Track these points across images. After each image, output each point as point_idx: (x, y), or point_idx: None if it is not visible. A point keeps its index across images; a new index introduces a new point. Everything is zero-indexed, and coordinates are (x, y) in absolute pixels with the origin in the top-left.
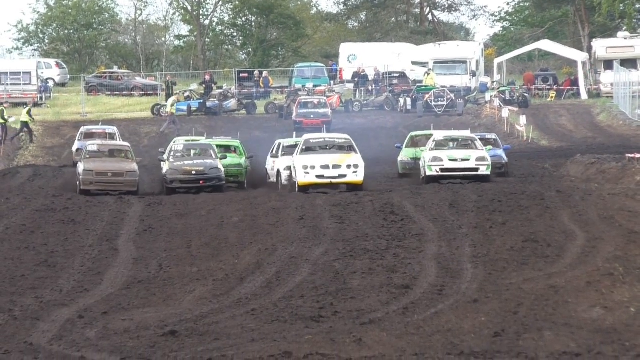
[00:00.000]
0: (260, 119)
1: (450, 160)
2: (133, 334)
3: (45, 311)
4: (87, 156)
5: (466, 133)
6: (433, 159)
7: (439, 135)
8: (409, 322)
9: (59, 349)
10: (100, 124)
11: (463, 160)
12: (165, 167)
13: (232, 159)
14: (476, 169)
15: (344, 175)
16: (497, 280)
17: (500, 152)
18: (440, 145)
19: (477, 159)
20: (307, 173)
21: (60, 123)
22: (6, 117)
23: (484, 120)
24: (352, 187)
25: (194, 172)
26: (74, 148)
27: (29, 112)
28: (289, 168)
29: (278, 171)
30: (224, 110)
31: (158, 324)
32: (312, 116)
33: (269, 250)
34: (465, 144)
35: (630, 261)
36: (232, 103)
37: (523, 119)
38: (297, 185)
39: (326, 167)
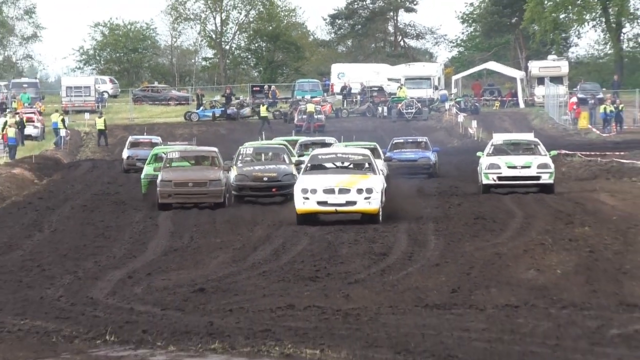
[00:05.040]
0: (270, 123)
1: (509, 167)
2: (170, 290)
3: (102, 273)
4: (167, 165)
5: (529, 136)
6: (490, 166)
7: (498, 139)
8: (386, 282)
9: (113, 302)
10: (145, 133)
11: (523, 167)
12: (233, 172)
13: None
14: (538, 177)
15: (353, 202)
16: (454, 249)
17: (429, 153)
18: (499, 150)
19: (539, 165)
20: (307, 199)
21: (112, 126)
22: (67, 124)
23: (444, 124)
24: (368, 217)
25: (265, 179)
26: (124, 156)
27: (63, 120)
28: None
29: None
30: (240, 116)
31: (190, 283)
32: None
33: (276, 226)
34: (528, 148)
35: (557, 234)
36: (247, 110)
37: (474, 123)
38: (295, 214)
39: (330, 191)
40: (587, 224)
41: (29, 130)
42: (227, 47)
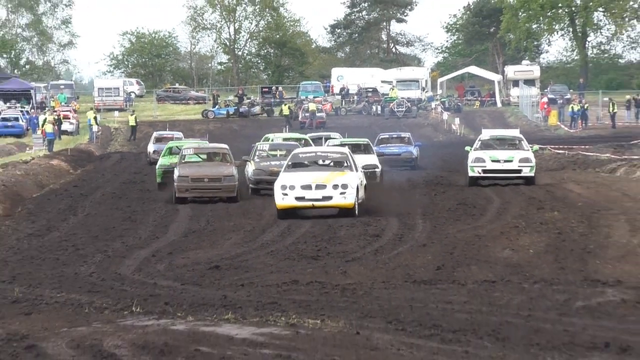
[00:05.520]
0: (276, 120)
1: (492, 161)
2: (189, 267)
3: (129, 252)
4: (182, 160)
5: (514, 132)
6: (475, 160)
7: (485, 134)
8: (379, 260)
9: (139, 277)
10: (167, 128)
11: (506, 161)
12: (250, 167)
13: None
14: (519, 171)
15: (329, 198)
16: (439, 231)
17: (411, 148)
18: (485, 145)
19: (521, 160)
20: (286, 194)
21: (139, 123)
22: (99, 121)
23: (431, 121)
24: (345, 212)
25: None
26: (150, 150)
27: (95, 118)
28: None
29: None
30: (251, 114)
31: (206, 261)
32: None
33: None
34: (512, 143)
35: (529, 218)
36: (257, 109)
37: (457, 120)
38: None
39: (308, 187)
40: (556, 209)
41: (65, 126)
42: (240, 53)
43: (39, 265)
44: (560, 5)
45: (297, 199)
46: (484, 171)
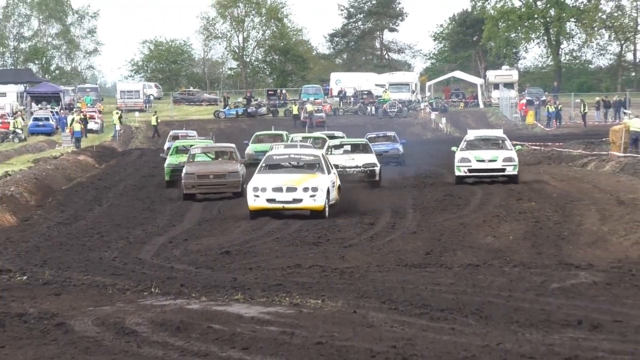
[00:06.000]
0: (281, 119)
1: (477, 160)
2: (202, 253)
3: (148, 238)
4: (190, 160)
5: (498, 132)
6: (461, 160)
7: (470, 135)
8: (373, 246)
9: (157, 261)
10: (184, 128)
11: (490, 161)
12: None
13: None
14: (503, 170)
15: (299, 200)
16: (428, 220)
17: (397, 145)
18: (471, 145)
19: (505, 159)
20: (257, 196)
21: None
22: (122, 120)
23: (420, 120)
24: (316, 214)
25: None
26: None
27: (120, 118)
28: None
29: None
30: (258, 114)
31: (218, 247)
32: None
33: None
34: (496, 143)
35: (510, 208)
36: (263, 110)
37: (444, 120)
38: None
39: (279, 189)
40: (533, 200)
41: (91, 125)
42: (248, 59)
43: (67, 251)
44: (536, 16)
45: (269, 200)
46: (470, 170)
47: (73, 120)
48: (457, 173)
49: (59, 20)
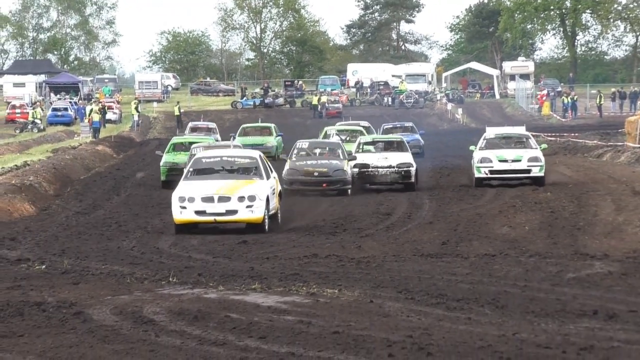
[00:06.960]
0: (298, 110)
1: (499, 161)
2: (220, 242)
3: (166, 228)
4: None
5: (520, 130)
6: (481, 160)
7: (490, 133)
8: (390, 236)
9: (175, 251)
10: (202, 119)
11: (514, 161)
12: (286, 166)
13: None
14: (528, 171)
15: (234, 212)
16: (444, 210)
17: (417, 136)
18: (491, 144)
19: (530, 159)
20: (184, 208)
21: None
22: (139, 109)
23: (436, 111)
24: (254, 226)
25: (316, 174)
26: None
27: (137, 107)
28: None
29: None
30: (275, 105)
31: (235, 236)
32: (330, 108)
33: (300, 192)
34: (519, 141)
35: (525, 198)
36: (280, 100)
37: (460, 111)
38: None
39: (209, 199)
40: (549, 190)
41: (109, 115)
42: (265, 50)
43: (85, 240)
44: (552, 7)
45: (197, 213)
46: (491, 172)
47: (92, 110)
48: (476, 174)
49: (78, 11)
